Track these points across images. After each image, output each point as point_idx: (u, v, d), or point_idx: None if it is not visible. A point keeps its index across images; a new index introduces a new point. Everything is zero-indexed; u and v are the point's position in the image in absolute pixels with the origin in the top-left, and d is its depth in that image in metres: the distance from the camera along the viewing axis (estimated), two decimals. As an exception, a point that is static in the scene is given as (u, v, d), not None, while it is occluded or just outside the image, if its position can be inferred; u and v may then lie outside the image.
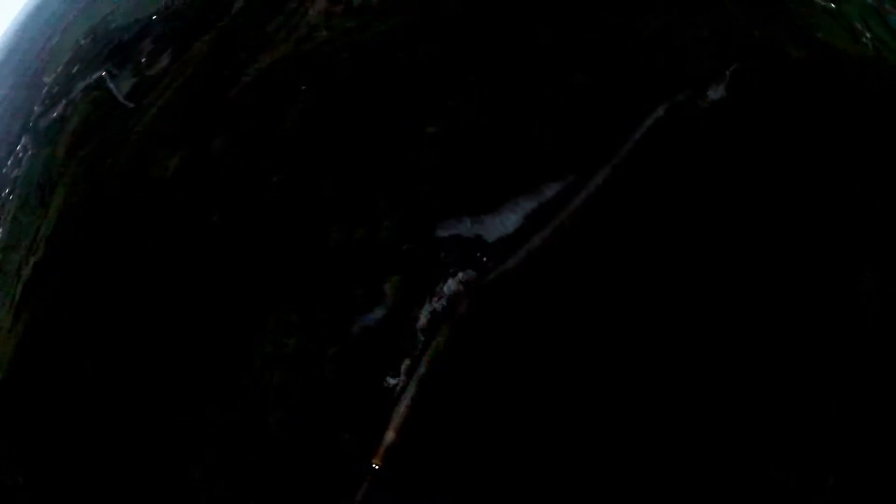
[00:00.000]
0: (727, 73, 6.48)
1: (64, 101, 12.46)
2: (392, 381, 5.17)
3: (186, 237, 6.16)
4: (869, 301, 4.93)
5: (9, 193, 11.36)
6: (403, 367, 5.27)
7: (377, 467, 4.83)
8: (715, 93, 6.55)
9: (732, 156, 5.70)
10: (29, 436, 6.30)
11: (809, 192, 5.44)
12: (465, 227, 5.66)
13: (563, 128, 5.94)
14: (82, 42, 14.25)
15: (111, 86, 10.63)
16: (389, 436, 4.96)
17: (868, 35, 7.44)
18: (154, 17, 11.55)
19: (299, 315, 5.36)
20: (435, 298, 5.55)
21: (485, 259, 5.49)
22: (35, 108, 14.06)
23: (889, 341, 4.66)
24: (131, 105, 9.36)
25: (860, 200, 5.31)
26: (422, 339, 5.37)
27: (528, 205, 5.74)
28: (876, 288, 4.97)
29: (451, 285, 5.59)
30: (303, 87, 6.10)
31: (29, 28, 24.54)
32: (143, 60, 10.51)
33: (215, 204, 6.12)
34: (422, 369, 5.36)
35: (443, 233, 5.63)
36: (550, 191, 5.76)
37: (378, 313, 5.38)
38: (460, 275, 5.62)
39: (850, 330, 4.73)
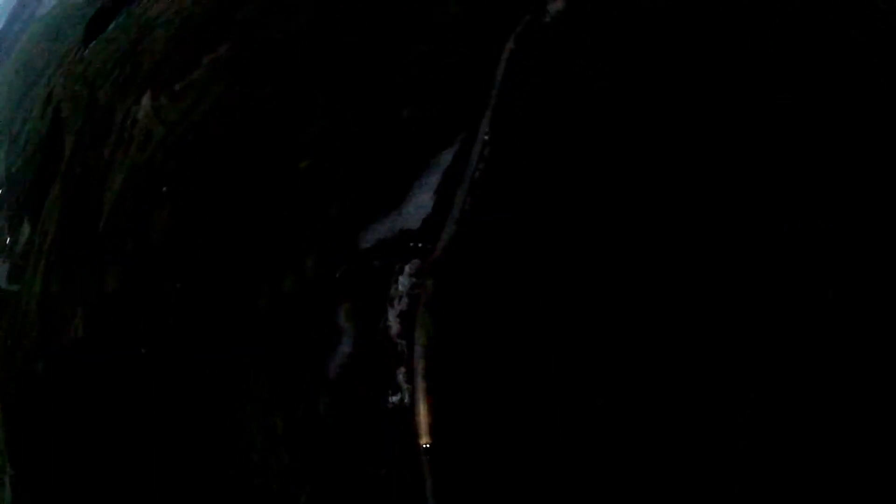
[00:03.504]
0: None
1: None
2: (394, 399, 4.76)
3: (122, 377, 5.43)
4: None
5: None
6: (401, 378, 4.87)
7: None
8: (555, 4, 6.44)
9: (590, 57, 5.57)
10: None
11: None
12: (386, 228, 5.26)
13: (429, 98, 5.67)
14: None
15: (-10, 277, 9.39)
16: (424, 440, 4.59)
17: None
18: (-1, 193, 10.30)
19: (270, 391, 4.81)
20: (395, 301, 5.17)
21: (420, 245, 5.15)
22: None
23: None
24: (16, 287, 8.29)
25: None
26: (403, 342, 4.98)
27: (433, 179, 5.43)
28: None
29: (404, 282, 5.19)
30: (163, 189, 5.47)
31: None
32: (7, 241, 9.33)
33: (137, 337, 5.42)
34: (420, 366, 4.99)
35: (367, 243, 5.21)
36: (448, 157, 5.50)
37: (346, 345, 4.91)
38: (407, 268, 5.23)
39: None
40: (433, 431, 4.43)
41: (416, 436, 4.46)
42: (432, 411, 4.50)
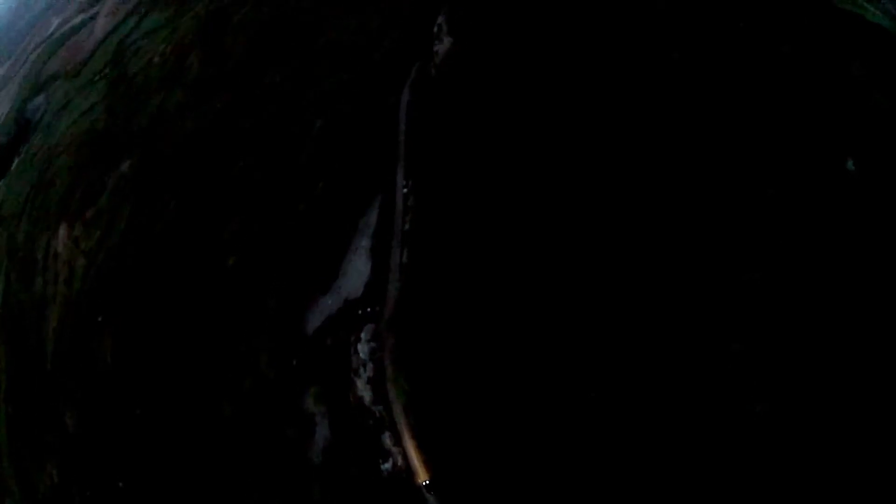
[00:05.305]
0: (439, 23, 6.32)
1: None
2: (387, 466, 4.63)
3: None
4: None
5: None
6: (388, 443, 4.74)
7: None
8: (442, 45, 6.39)
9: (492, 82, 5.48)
10: None
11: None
12: (329, 304, 5.13)
13: (340, 166, 5.58)
14: None
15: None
16: (422, 476, 4.46)
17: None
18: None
19: (258, 495, 4.59)
20: (361, 371, 5.03)
21: (369, 309, 5.04)
22: None
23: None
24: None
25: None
26: (380, 407, 4.86)
27: (364, 243, 5.35)
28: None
29: (363, 349, 5.07)
30: (99, 318, 5.19)
31: None
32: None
33: (111, 473, 5.10)
34: (405, 430, 4.87)
35: (316, 323, 5.06)
36: (372, 218, 5.43)
37: (323, 431, 4.74)
38: (363, 335, 5.12)
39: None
40: (428, 467, 4.34)
41: (416, 477, 4.36)
42: (424, 455, 4.42)
